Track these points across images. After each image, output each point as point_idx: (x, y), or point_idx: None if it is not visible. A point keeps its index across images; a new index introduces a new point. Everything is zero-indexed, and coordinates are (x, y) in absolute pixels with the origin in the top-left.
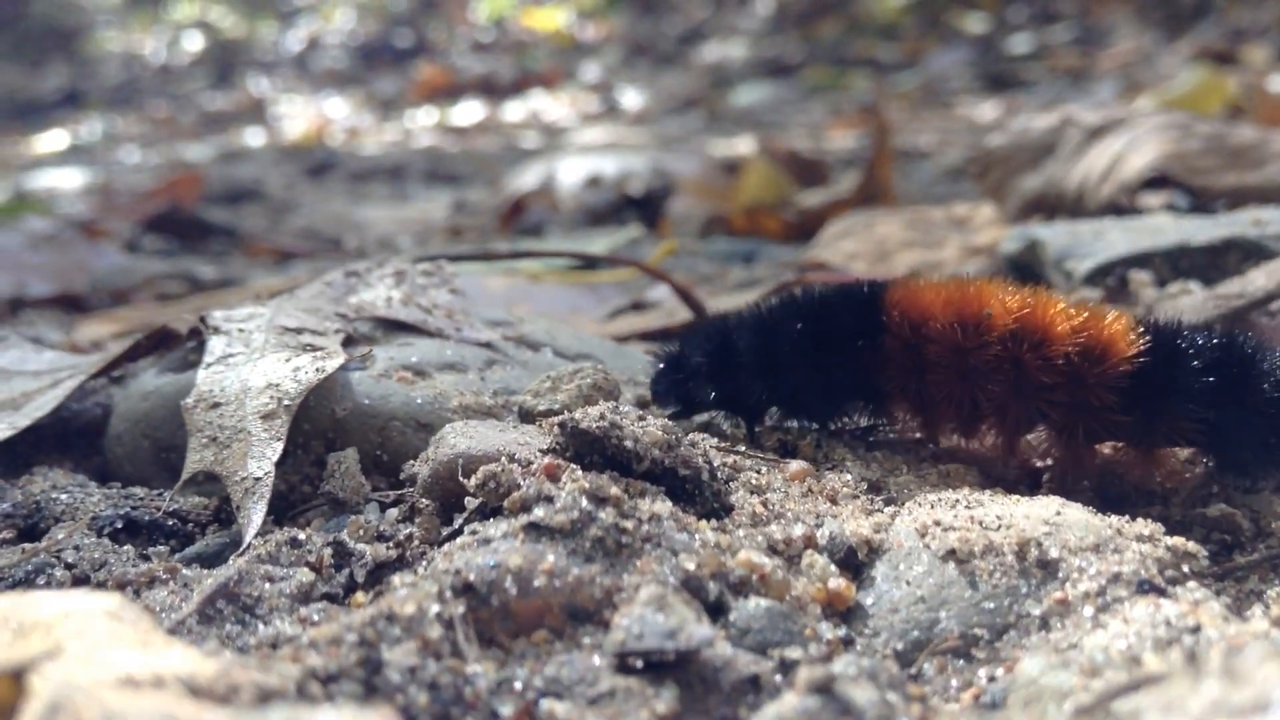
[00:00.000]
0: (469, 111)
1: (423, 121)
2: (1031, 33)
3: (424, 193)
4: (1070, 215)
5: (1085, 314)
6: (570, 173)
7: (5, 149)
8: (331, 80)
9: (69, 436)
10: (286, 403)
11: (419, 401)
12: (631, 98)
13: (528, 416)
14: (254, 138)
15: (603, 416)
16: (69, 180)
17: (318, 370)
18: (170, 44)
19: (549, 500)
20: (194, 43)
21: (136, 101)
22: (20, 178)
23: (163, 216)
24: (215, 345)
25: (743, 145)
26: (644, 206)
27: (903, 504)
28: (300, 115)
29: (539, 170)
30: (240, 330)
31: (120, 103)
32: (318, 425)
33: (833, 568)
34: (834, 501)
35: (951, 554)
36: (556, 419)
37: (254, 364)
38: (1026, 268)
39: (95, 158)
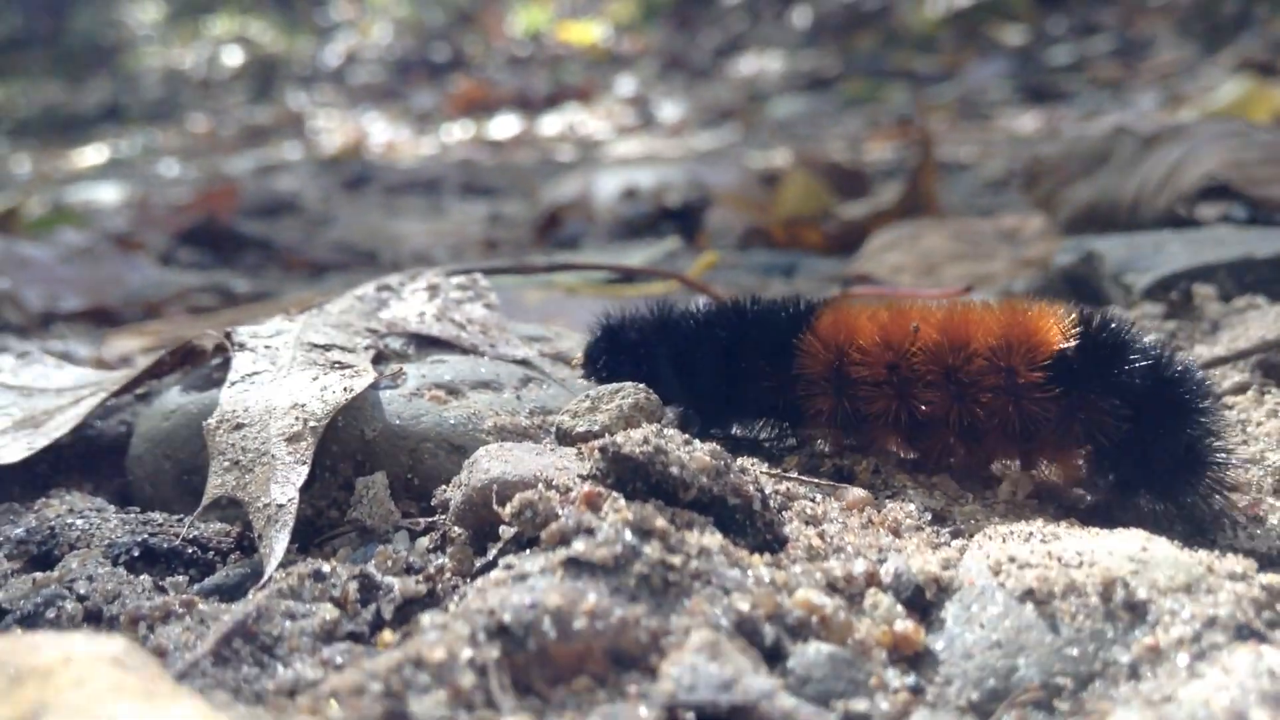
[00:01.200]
0: (505, 125)
1: (459, 135)
2: (1071, 44)
3: (460, 206)
4: (1124, 227)
5: (1011, 309)
6: (607, 185)
7: (47, 163)
8: (369, 94)
9: (91, 456)
10: (312, 424)
11: (452, 422)
12: (667, 111)
13: (566, 438)
14: (292, 151)
15: (646, 440)
16: (107, 193)
17: (345, 390)
18: (210, 59)
19: (589, 532)
20: (234, 58)
21: (176, 116)
22: (60, 191)
23: (198, 229)
24: (240, 363)
25: (780, 157)
26: (681, 219)
27: (971, 537)
28: (338, 129)
29: (575, 183)
30: (267, 347)
31: (160, 117)
32: (346, 447)
33: (899, 608)
34: (896, 534)
35: (1029, 594)
36: (597, 443)
37: (279, 383)
38: (1082, 281)
39: (134, 171)
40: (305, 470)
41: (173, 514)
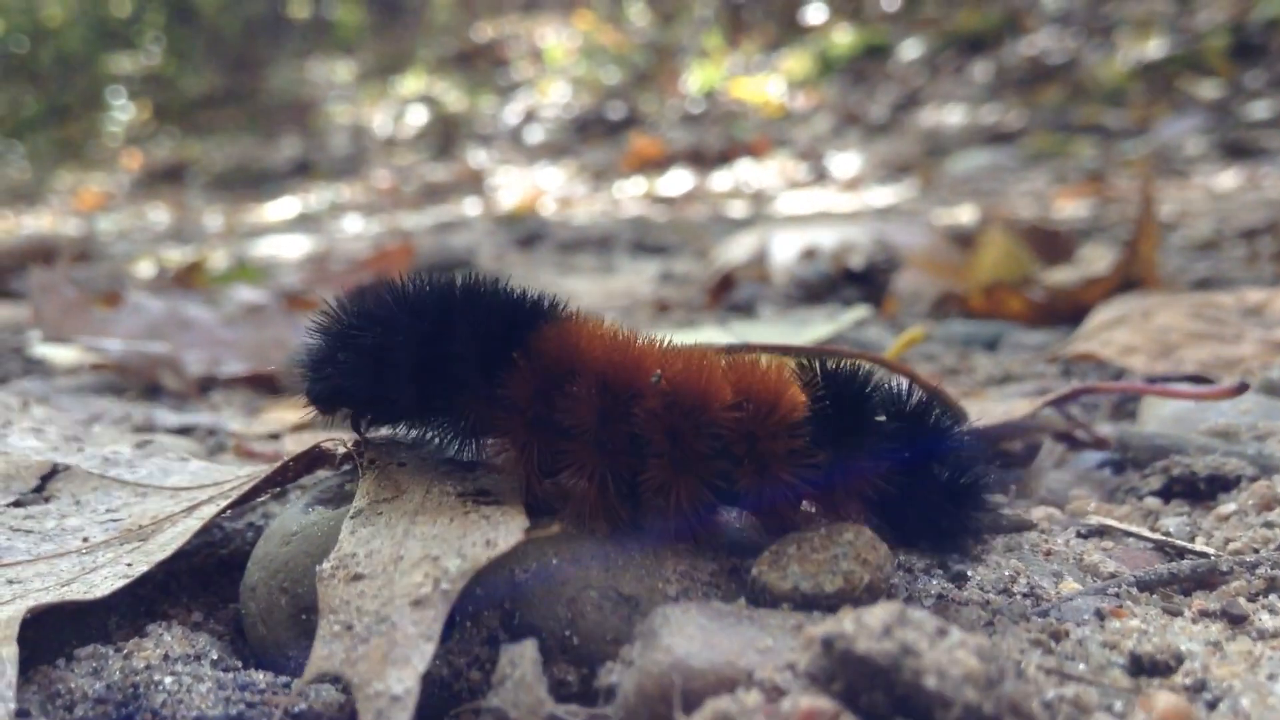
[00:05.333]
0: (677, 181)
1: (631, 191)
2: (1270, 99)
3: (631, 263)
4: None
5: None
6: (784, 244)
7: (237, 217)
8: (546, 151)
9: (208, 571)
10: (445, 586)
11: (621, 564)
12: (842, 165)
13: (765, 594)
14: (470, 208)
15: (888, 632)
16: (291, 248)
17: (488, 543)
18: (396, 117)
19: None
20: (418, 116)
21: (362, 172)
22: (246, 245)
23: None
24: (370, 486)
25: (965, 215)
26: (864, 281)
27: None
28: (515, 186)
29: (749, 241)
30: (401, 464)
31: (347, 173)
32: (492, 591)
33: None
34: None
35: None
36: (819, 632)
37: (412, 519)
38: None
39: (320, 226)
40: (432, 648)
41: (284, 664)
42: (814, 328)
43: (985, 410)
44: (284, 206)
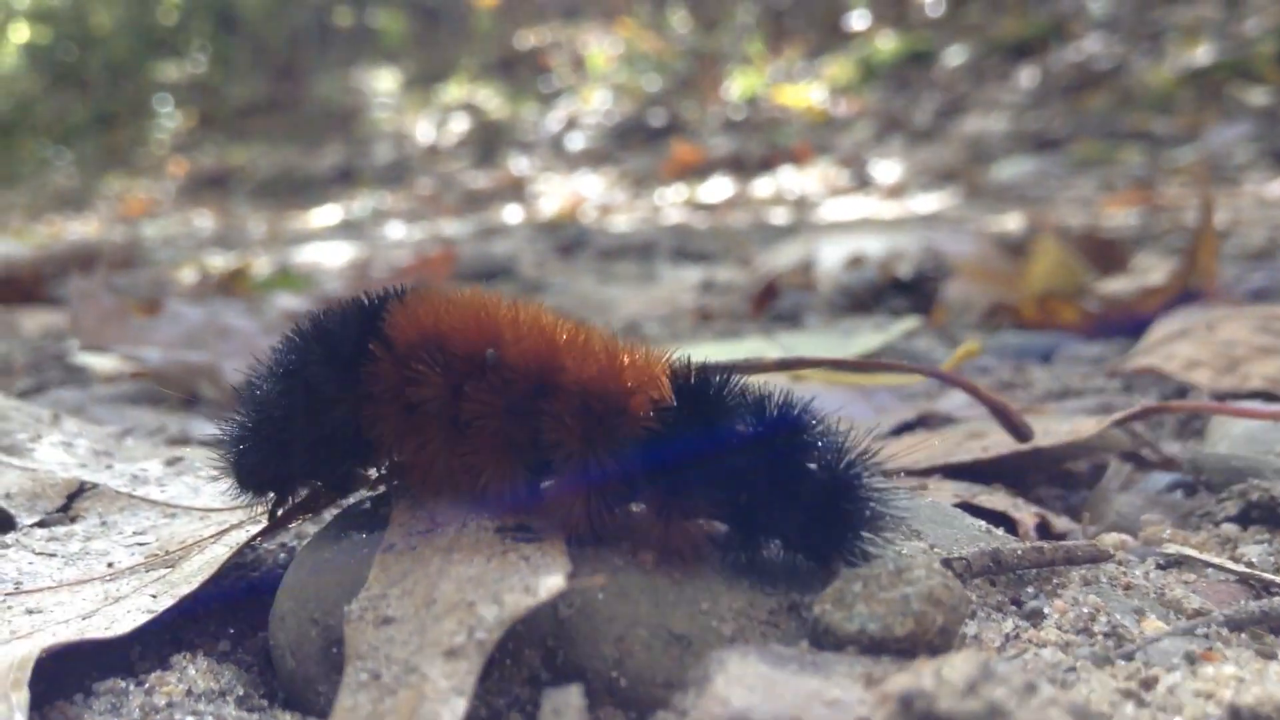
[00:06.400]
0: (718, 188)
1: (672, 198)
2: None
3: (672, 271)
4: None
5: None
6: (830, 252)
7: (281, 224)
8: (587, 159)
9: (237, 594)
10: (480, 636)
11: (671, 599)
12: (885, 172)
13: (828, 636)
14: (511, 215)
15: (973, 689)
16: (334, 255)
17: (526, 590)
18: (439, 125)
19: None
20: (460, 124)
21: (405, 179)
22: (289, 251)
23: None
24: (403, 517)
25: (1011, 222)
26: (912, 290)
27: None
28: (556, 193)
29: (794, 250)
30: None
31: (390, 180)
32: (534, 626)
33: None
34: None
35: None
36: (897, 690)
37: (446, 558)
38: None
39: (362, 233)
40: (464, 704)
41: (314, 700)
42: (862, 338)
43: (1049, 429)
44: (327, 213)
